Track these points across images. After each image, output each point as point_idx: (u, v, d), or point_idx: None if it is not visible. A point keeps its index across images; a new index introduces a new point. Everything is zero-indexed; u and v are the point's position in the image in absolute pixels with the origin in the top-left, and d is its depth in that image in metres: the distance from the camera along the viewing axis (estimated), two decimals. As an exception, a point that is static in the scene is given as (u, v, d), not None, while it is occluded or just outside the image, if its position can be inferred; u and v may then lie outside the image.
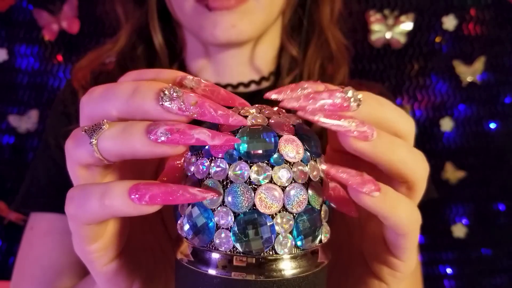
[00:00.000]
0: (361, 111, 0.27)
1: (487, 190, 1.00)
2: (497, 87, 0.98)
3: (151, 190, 0.25)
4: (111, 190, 0.25)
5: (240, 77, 0.63)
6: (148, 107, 0.25)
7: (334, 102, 0.26)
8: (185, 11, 0.57)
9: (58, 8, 0.93)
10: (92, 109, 0.27)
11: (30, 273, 0.60)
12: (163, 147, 0.25)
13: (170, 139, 0.24)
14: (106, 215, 0.26)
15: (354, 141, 0.26)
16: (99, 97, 0.27)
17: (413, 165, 0.28)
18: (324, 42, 0.65)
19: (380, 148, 0.27)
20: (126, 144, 0.25)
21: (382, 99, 0.29)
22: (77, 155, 0.26)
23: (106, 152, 0.25)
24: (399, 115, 0.29)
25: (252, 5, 0.55)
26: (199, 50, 0.63)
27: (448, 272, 1.00)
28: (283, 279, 0.26)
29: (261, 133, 0.26)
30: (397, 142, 0.28)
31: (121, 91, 0.26)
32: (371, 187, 0.26)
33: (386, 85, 0.96)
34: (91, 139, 0.25)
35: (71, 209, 0.26)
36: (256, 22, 0.57)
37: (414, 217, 0.28)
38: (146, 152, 0.25)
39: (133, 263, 0.31)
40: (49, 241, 0.60)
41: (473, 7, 0.95)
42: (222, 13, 0.54)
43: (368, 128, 0.26)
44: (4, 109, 0.96)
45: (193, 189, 0.25)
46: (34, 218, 0.64)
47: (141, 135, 0.24)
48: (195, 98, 0.25)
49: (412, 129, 0.30)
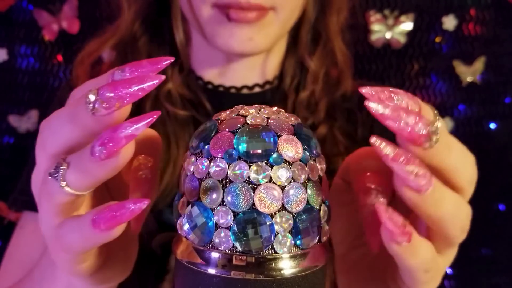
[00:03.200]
0: (429, 153, 0.25)
1: (487, 190, 1.00)
2: (497, 87, 0.98)
3: (103, 217, 0.25)
4: (83, 225, 0.26)
5: (244, 80, 0.63)
6: (86, 123, 0.25)
7: (415, 131, 0.24)
8: (202, 15, 0.55)
9: (58, 8, 0.93)
10: (50, 146, 0.27)
11: (12, 272, 0.60)
12: (111, 162, 0.25)
13: (107, 151, 0.24)
14: (89, 246, 0.27)
15: (406, 189, 0.25)
16: (49, 132, 0.27)
17: (451, 224, 0.27)
18: (330, 50, 0.65)
19: (428, 204, 0.26)
20: (87, 175, 0.25)
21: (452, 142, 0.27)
22: (54, 198, 0.27)
23: (77, 187, 0.26)
24: (464, 165, 0.27)
25: (270, 19, 0.55)
26: (205, 51, 0.62)
27: (448, 272, 1.00)
28: (283, 278, 0.26)
29: (260, 133, 0.26)
30: (447, 199, 0.26)
31: (62, 120, 0.26)
32: (405, 239, 0.26)
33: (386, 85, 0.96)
34: (59, 182, 0.26)
35: (63, 245, 0.27)
36: (272, 35, 0.57)
37: (423, 265, 0.28)
38: (104, 173, 0.25)
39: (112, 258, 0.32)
40: (35, 241, 0.60)
41: (473, 7, 0.96)
42: (241, 26, 0.53)
43: (427, 181, 0.25)
44: (4, 109, 0.96)
45: (129, 203, 0.25)
46: (25, 217, 0.64)
47: (90, 161, 0.25)
48: (108, 89, 0.24)
49: (471, 182, 0.28)
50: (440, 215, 0.26)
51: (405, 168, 0.24)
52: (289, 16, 0.57)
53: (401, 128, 0.24)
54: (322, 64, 0.64)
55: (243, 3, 0.52)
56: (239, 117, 0.28)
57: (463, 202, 0.28)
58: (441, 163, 0.26)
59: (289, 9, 0.56)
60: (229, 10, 0.53)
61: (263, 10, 0.53)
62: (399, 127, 0.24)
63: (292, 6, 0.57)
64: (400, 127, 0.24)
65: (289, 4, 0.56)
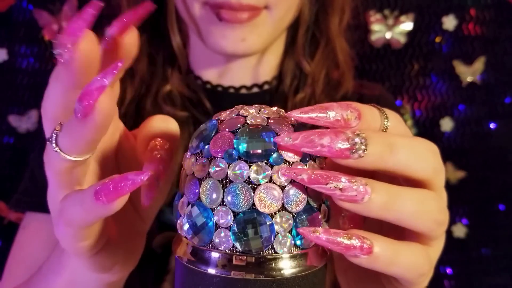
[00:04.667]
0: (363, 161, 0.25)
1: (487, 190, 1.00)
2: (497, 87, 0.98)
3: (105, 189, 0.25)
4: (85, 197, 0.26)
5: (242, 81, 0.63)
6: (62, 73, 0.26)
7: (334, 149, 0.24)
8: (193, 12, 0.55)
9: (58, 8, 0.93)
10: (46, 111, 0.28)
11: (17, 273, 0.60)
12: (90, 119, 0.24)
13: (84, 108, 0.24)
14: (92, 218, 0.27)
15: (341, 202, 0.25)
16: (45, 97, 0.28)
17: (415, 219, 0.26)
18: (331, 52, 0.64)
19: (374, 210, 0.25)
20: (73, 136, 0.25)
21: (397, 140, 0.26)
22: (52, 164, 0.27)
23: (69, 151, 0.26)
24: (416, 159, 0.26)
25: (263, 18, 0.54)
26: (203, 51, 0.62)
27: (448, 272, 1.00)
28: (283, 278, 0.26)
29: (260, 133, 0.26)
30: (400, 197, 0.25)
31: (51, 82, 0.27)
32: (358, 252, 0.25)
33: (386, 85, 0.96)
34: (53, 145, 0.26)
35: (65, 217, 0.27)
36: (265, 36, 0.56)
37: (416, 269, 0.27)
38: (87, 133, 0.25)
39: (115, 244, 0.32)
40: (38, 242, 0.60)
41: (473, 7, 0.96)
42: (233, 26, 0.53)
43: (359, 191, 0.24)
44: (4, 109, 0.96)
45: (131, 174, 0.25)
46: (27, 217, 0.64)
47: (74, 121, 0.25)
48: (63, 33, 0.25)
49: (431, 173, 0.27)
50: (398, 215, 0.26)
51: (326, 186, 0.24)
52: (283, 15, 0.56)
53: (319, 151, 0.24)
54: (322, 65, 0.64)
55: (234, 3, 0.51)
56: (239, 117, 0.28)
57: (427, 195, 0.27)
58: (386, 165, 0.26)
59: (284, 9, 0.56)
60: (220, 10, 0.52)
61: (255, 10, 0.53)
62: (316, 151, 0.25)
63: (287, 5, 0.56)
64: (317, 151, 0.24)
65: (284, 3, 0.55)
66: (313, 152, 0.25)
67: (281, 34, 0.61)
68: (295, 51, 0.64)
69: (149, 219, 0.37)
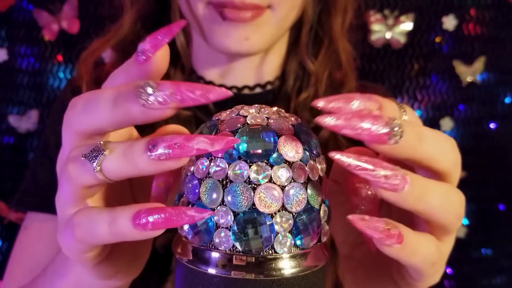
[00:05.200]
0: (398, 148, 0.25)
1: (487, 190, 1.00)
2: (497, 87, 0.98)
3: (153, 217, 0.25)
4: (117, 218, 0.25)
5: (245, 80, 0.63)
6: (133, 112, 0.25)
7: (374, 132, 0.25)
8: (198, 13, 0.55)
9: (58, 8, 0.93)
10: (79, 125, 0.27)
11: (18, 274, 0.60)
12: (167, 163, 0.24)
13: (172, 155, 0.24)
14: (115, 240, 0.26)
15: (382, 191, 0.25)
16: (83, 110, 0.26)
17: (442, 214, 0.27)
18: (334, 52, 0.64)
19: (410, 200, 0.26)
20: (131, 167, 0.25)
21: (425, 131, 0.26)
22: (80, 180, 0.26)
23: (110, 175, 0.25)
24: (440, 151, 0.27)
25: (267, 18, 0.54)
26: (206, 50, 0.62)
27: (448, 272, 1.00)
28: (283, 278, 0.26)
29: (260, 133, 0.26)
30: (430, 190, 0.26)
31: (103, 101, 0.25)
32: (394, 241, 0.26)
33: (386, 85, 0.96)
34: (94, 165, 0.25)
35: (80, 234, 0.27)
36: (268, 35, 0.56)
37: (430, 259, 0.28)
38: (151, 171, 0.25)
39: (119, 252, 0.32)
40: (39, 242, 0.60)
41: (473, 7, 0.96)
42: (237, 25, 0.53)
43: (401, 180, 0.25)
44: (4, 109, 0.96)
45: (190, 211, 0.25)
46: (29, 217, 0.64)
47: (143, 156, 0.24)
48: (170, 86, 0.24)
49: (453, 165, 0.28)
50: (427, 207, 0.26)
51: (372, 173, 0.25)
52: (286, 14, 0.56)
53: (359, 133, 0.25)
54: (325, 65, 0.64)
55: (237, 2, 0.51)
56: (239, 117, 0.28)
57: (451, 189, 0.28)
58: (415, 154, 0.26)
59: (287, 8, 0.56)
60: (223, 9, 0.52)
61: (258, 9, 0.53)
62: (356, 133, 0.25)
63: (290, 5, 0.56)
64: (357, 133, 0.25)
65: (287, 3, 0.55)
66: (353, 134, 0.25)
67: (284, 34, 0.61)
68: (298, 51, 0.64)
69: None
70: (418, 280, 0.30)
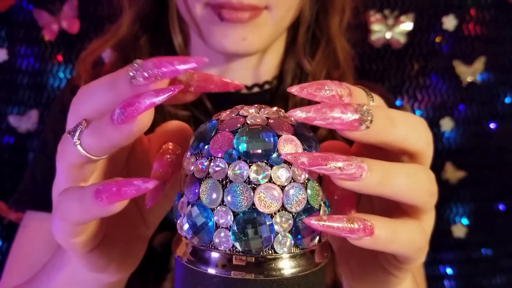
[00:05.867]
0: (370, 133, 0.26)
1: (487, 190, 1.00)
2: (497, 87, 0.98)
3: (108, 191, 0.25)
4: (85, 195, 0.26)
5: (243, 80, 0.63)
6: (125, 91, 0.26)
7: (345, 120, 0.25)
8: (196, 14, 0.55)
9: (58, 8, 0.93)
10: (83, 109, 0.28)
11: (17, 272, 0.60)
12: (126, 128, 0.25)
13: (125, 116, 0.25)
14: (88, 217, 0.27)
15: (341, 182, 0.26)
16: (86, 95, 0.28)
17: (410, 193, 0.27)
18: (331, 51, 0.64)
19: (372, 186, 0.26)
20: (102, 138, 0.26)
21: (395, 114, 0.27)
22: (66, 157, 0.27)
23: (90, 149, 0.26)
24: (412, 133, 0.27)
25: (264, 18, 0.54)
26: (204, 51, 0.62)
27: (448, 272, 1.00)
28: (282, 278, 0.26)
29: (260, 133, 0.26)
30: (393, 172, 0.26)
31: (102, 86, 0.27)
32: (361, 234, 0.26)
33: (386, 85, 0.96)
34: (74, 139, 0.26)
35: (60, 211, 0.28)
36: (266, 35, 0.56)
37: (415, 244, 0.28)
38: (118, 139, 0.25)
39: (112, 244, 0.32)
40: (37, 241, 0.60)
41: (473, 7, 0.96)
42: (235, 26, 0.53)
43: (357, 168, 0.25)
44: (4, 109, 0.96)
45: (137, 180, 0.25)
46: (28, 216, 0.64)
47: (108, 123, 0.25)
48: (151, 61, 0.25)
49: (425, 145, 0.28)
50: (393, 190, 0.27)
51: (326, 167, 0.25)
52: (284, 15, 0.57)
53: (331, 123, 0.25)
54: (322, 65, 0.64)
55: (235, 3, 0.52)
56: (239, 117, 0.28)
57: (417, 168, 0.28)
58: (388, 137, 0.27)
59: (284, 8, 0.56)
60: (221, 10, 0.52)
61: (256, 10, 0.53)
62: (328, 123, 0.25)
63: (287, 5, 0.56)
64: (329, 123, 0.25)
65: (284, 3, 0.55)
66: (325, 124, 0.25)
67: (281, 34, 0.62)
68: (296, 50, 0.64)
69: (153, 225, 0.37)
70: (405, 263, 0.30)
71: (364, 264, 0.36)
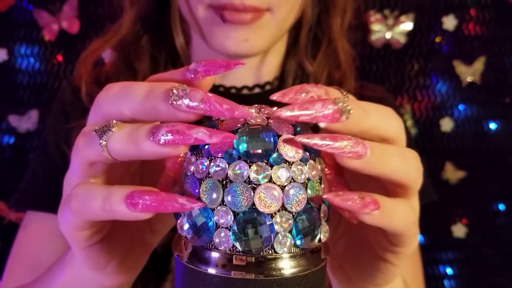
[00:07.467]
0: (349, 123, 0.27)
1: (487, 190, 1.00)
2: (497, 87, 0.98)
3: (146, 198, 0.25)
4: (112, 195, 0.26)
5: (244, 81, 0.63)
6: (160, 108, 0.26)
7: (326, 112, 0.26)
8: (198, 15, 0.55)
9: (58, 8, 0.93)
10: (108, 107, 0.28)
11: (17, 272, 0.60)
12: (166, 148, 0.25)
13: (171, 140, 0.25)
14: (107, 217, 0.27)
15: (348, 160, 0.27)
16: (115, 95, 0.27)
17: (404, 171, 0.29)
18: (333, 52, 0.64)
19: (374, 164, 0.28)
20: (134, 148, 0.26)
21: (367, 105, 0.29)
22: (86, 153, 0.27)
23: (114, 153, 0.26)
24: (385, 120, 0.29)
25: (266, 20, 0.55)
26: (205, 51, 0.62)
27: (448, 272, 1.00)
28: (283, 278, 0.26)
29: (260, 133, 0.26)
30: (388, 152, 0.28)
31: (136, 92, 0.27)
32: (372, 208, 0.27)
33: (386, 85, 0.96)
34: (101, 140, 0.26)
35: (75, 205, 0.27)
36: (268, 37, 0.56)
37: (410, 219, 0.30)
38: (150, 154, 0.26)
39: (113, 243, 0.32)
40: (39, 241, 0.60)
41: (473, 7, 0.96)
42: (237, 27, 0.53)
43: (362, 147, 0.27)
44: (4, 109, 0.96)
45: (182, 199, 0.26)
46: (28, 216, 0.64)
47: (145, 138, 0.25)
48: (201, 94, 0.25)
49: (399, 130, 0.30)
50: (390, 168, 0.28)
51: (336, 145, 0.26)
52: (286, 17, 0.57)
53: (315, 117, 0.26)
54: (324, 66, 0.64)
55: (237, 4, 0.52)
56: (239, 117, 0.28)
57: (404, 149, 0.30)
58: (365, 125, 0.28)
59: (286, 10, 0.56)
60: (223, 11, 0.53)
61: (258, 12, 0.53)
62: (312, 118, 0.26)
63: (289, 7, 0.56)
64: (313, 117, 0.26)
65: (286, 5, 0.56)
66: (310, 119, 0.26)
67: (283, 35, 0.62)
68: (297, 51, 0.64)
69: (159, 233, 0.37)
70: (401, 245, 0.31)
71: (359, 261, 0.36)
